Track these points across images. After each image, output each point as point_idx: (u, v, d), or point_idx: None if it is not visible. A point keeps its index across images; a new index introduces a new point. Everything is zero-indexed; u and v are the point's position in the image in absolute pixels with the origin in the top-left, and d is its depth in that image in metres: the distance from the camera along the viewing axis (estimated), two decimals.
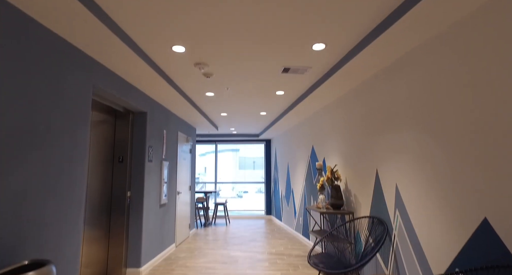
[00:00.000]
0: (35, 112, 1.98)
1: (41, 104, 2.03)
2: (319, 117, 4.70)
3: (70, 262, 2.33)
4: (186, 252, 4.74)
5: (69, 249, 2.31)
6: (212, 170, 8.76)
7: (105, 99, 3.21)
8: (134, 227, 3.72)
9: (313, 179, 4.94)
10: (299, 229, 5.69)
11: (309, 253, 2.93)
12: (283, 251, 4.73)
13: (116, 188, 3.68)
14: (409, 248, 2.42)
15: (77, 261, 2.43)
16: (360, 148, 3.32)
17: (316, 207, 3.88)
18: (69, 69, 2.32)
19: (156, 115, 4.21)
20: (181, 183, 5.48)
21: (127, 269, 3.65)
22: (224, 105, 4.96)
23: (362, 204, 3.24)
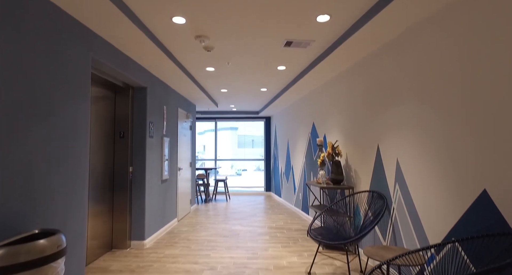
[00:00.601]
0: (35, 84, 1.94)
1: (41, 77, 1.99)
2: (320, 93, 4.66)
3: (77, 233, 2.38)
4: (188, 226, 4.85)
5: (76, 221, 2.36)
6: (211, 148, 8.79)
7: (104, 73, 3.15)
8: (137, 201, 3.78)
9: (313, 155, 4.98)
10: (298, 204, 5.81)
11: (309, 227, 3.01)
12: (283, 226, 4.85)
13: (118, 164, 3.70)
14: (407, 220, 2.48)
15: (84, 233, 2.49)
16: (361, 124, 3.32)
17: (316, 183, 3.94)
18: (68, 42, 2.26)
19: (156, 91, 4.16)
20: (182, 159, 5.52)
21: (132, 242, 3.76)
22: (224, 81, 4.90)
23: (362, 179, 3.29)
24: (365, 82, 3.23)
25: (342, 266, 3.06)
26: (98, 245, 3.37)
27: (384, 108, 2.85)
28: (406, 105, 2.52)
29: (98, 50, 2.68)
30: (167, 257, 3.38)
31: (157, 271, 2.95)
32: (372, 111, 3.08)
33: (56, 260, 1.63)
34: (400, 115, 2.60)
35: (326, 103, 4.40)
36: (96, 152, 3.29)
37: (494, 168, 1.70)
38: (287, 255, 3.40)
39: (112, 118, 3.67)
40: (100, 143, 3.39)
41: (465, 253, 1.87)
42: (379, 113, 2.94)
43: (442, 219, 2.09)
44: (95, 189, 3.27)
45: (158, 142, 4.26)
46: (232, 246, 3.75)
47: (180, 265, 3.12)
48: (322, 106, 4.59)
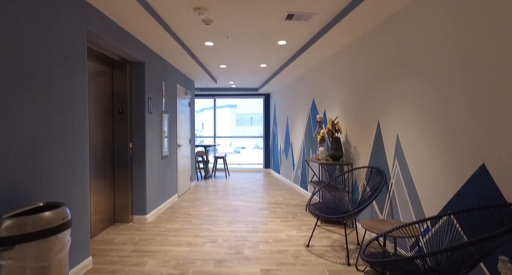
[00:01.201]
0: (30, 57, 1.89)
1: (35, 50, 1.94)
2: (321, 69, 4.59)
3: (81, 207, 2.42)
4: (189, 201, 4.94)
5: (79, 194, 2.39)
6: (209, 126, 8.77)
7: (101, 47, 3.07)
8: (138, 177, 3.82)
9: (312, 132, 4.99)
10: (297, 181, 5.90)
11: (308, 202, 3.07)
12: (282, 201, 4.95)
13: (118, 140, 3.70)
14: (405, 195, 2.53)
15: (87, 206, 2.53)
16: (362, 100, 3.30)
17: (316, 159, 3.97)
18: (62, 13, 2.18)
19: (154, 66, 4.08)
20: (181, 136, 5.52)
21: (134, 216, 3.83)
22: (223, 56, 4.80)
23: (362, 155, 3.32)
24: (367, 58, 3.17)
25: (340, 239, 3.16)
26: (101, 219, 3.44)
27: (385, 84, 2.82)
28: (407, 81, 2.48)
29: (93, 22, 2.59)
30: (168, 231, 3.46)
31: (160, 244, 3.03)
32: (373, 87, 3.05)
33: (62, 232, 1.67)
34: (401, 91, 2.58)
35: (327, 80, 4.35)
36: (95, 128, 3.28)
37: (494, 143, 1.71)
38: (286, 229, 3.49)
39: (110, 93, 3.63)
40: (99, 119, 3.37)
41: (460, 225, 1.92)
42: (380, 89, 2.91)
43: (439, 193, 2.13)
44: (96, 165, 3.29)
45: (158, 119, 4.24)
46: (232, 221, 3.84)
47: (182, 238, 3.21)
48: (322, 82, 4.54)
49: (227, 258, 2.68)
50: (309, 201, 3.07)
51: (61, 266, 1.66)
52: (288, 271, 2.42)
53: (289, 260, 2.64)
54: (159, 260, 2.65)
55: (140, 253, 2.79)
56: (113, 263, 2.58)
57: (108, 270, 2.45)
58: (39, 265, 1.53)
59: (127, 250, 2.86)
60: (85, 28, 2.49)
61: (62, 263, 1.67)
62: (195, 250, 2.86)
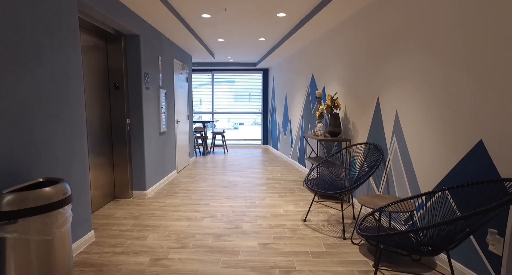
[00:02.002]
0: (18, 28, 1.82)
1: (23, 20, 1.86)
2: (320, 43, 4.47)
3: (80, 182, 2.44)
4: (188, 177, 5.00)
5: (78, 170, 2.40)
6: (207, 102, 8.69)
7: (93, 19, 2.95)
8: (136, 153, 3.83)
9: (311, 108, 4.96)
10: (295, 157, 5.95)
11: (306, 177, 3.11)
12: (280, 177, 5.01)
13: (115, 115, 3.67)
14: (401, 171, 2.56)
15: (87, 181, 2.55)
16: (362, 76, 3.25)
17: (314, 135, 3.98)
18: None
19: (149, 39, 3.96)
20: (179, 112, 5.48)
21: (134, 192, 3.89)
22: (221, 30, 4.65)
23: (360, 131, 3.32)
24: (368, 32, 3.08)
25: (337, 214, 3.24)
26: (102, 195, 3.49)
27: (387, 59, 2.76)
28: (409, 55, 2.43)
29: None
30: (168, 206, 3.53)
31: (160, 218, 3.10)
32: (374, 62, 2.99)
33: (63, 207, 1.69)
34: (402, 66, 2.53)
35: (327, 54, 4.25)
36: (91, 104, 3.23)
37: (493, 119, 1.70)
38: (283, 204, 3.56)
39: (105, 68, 3.54)
40: (95, 94, 3.32)
41: (453, 200, 1.96)
42: (381, 64, 2.85)
43: (435, 169, 2.15)
44: (94, 141, 3.29)
45: (155, 94, 4.18)
46: (231, 196, 3.91)
47: (181, 213, 3.28)
48: (322, 57, 4.44)
49: (226, 232, 2.76)
50: (307, 177, 3.10)
51: (64, 239, 1.70)
52: (285, 245, 2.50)
53: (286, 234, 2.72)
54: (160, 234, 2.72)
55: (141, 227, 2.86)
56: (115, 237, 2.65)
57: (110, 243, 2.52)
58: (42, 238, 1.57)
59: (128, 225, 2.93)
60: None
61: (65, 237, 1.71)
62: (195, 225, 2.93)
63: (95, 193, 3.33)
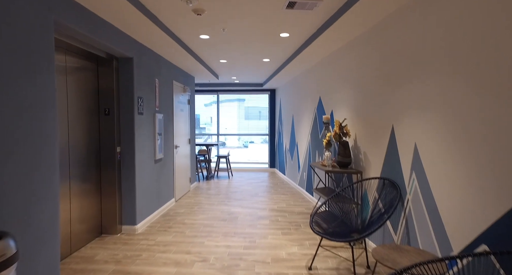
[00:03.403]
0: None
1: None
2: (328, 64, 4.16)
3: (45, 230, 2.11)
4: (186, 207, 4.63)
5: (42, 216, 2.08)
6: (223, 121, 8.41)
7: (79, 42, 2.73)
8: (126, 183, 3.51)
9: (319, 133, 4.59)
10: (302, 184, 5.52)
11: (311, 218, 2.71)
12: (285, 208, 4.59)
13: (105, 144, 3.38)
14: (424, 216, 2.13)
15: (56, 224, 2.22)
16: (374, 101, 2.89)
17: (321, 165, 3.59)
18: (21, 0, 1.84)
19: (145, 62, 3.74)
20: (179, 136, 5.19)
21: (123, 226, 3.54)
22: (222, 50, 4.42)
23: (373, 163, 2.92)
24: (380, 51, 2.75)
25: (348, 258, 2.79)
26: (87, 229, 3.16)
27: (402, 82, 2.40)
28: (429, 78, 2.07)
29: (63, 11, 2.25)
30: (158, 244, 3.15)
31: (145, 263, 2.72)
32: (387, 86, 2.63)
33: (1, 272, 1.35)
34: (420, 91, 2.16)
35: (334, 76, 3.93)
36: (78, 132, 2.96)
37: None
38: (287, 245, 3.14)
39: (95, 93, 3.30)
40: (83, 121, 3.05)
41: (502, 267, 1.53)
42: (395, 88, 2.50)
43: (470, 218, 1.73)
44: (81, 172, 2.99)
45: (150, 119, 3.91)
46: (229, 232, 3.51)
47: (170, 255, 2.89)
48: (330, 79, 4.12)
49: None
50: (312, 216, 2.70)
51: None
52: None
53: None
54: None
55: None
56: None
57: None
58: None
59: (106, 271, 2.56)
60: (52, 17, 2.15)
61: None
62: (183, 272, 2.54)
63: (79, 227, 2.99)
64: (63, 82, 2.79)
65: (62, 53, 2.78)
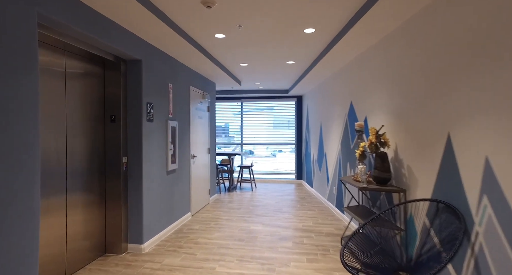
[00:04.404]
0: None
1: None
2: (360, 63, 3.64)
3: (20, 256, 1.78)
4: (202, 223, 4.24)
5: (16, 239, 1.75)
6: (247, 129, 8.05)
7: (78, 41, 2.46)
8: (133, 198, 3.19)
9: (350, 143, 4.04)
10: (332, 199, 4.94)
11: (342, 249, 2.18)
12: (312, 227, 4.04)
13: (110, 152, 3.09)
14: (507, 257, 1.54)
15: (34, 252, 1.89)
16: (421, 104, 2.33)
17: (354, 180, 3.04)
18: None
19: (155, 65, 3.44)
20: (197, 145, 4.86)
21: (129, 245, 3.20)
22: (241, 52, 4.04)
23: (420, 181, 2.34)
24: (429, 41, 2.21)
25: None
26: (89, 248, 2.85)
27: (460, 78, 1.85)
28: (504, 70, 1.51)
29: (51, 4, 1.97)
30: (163, 269, 2.76)
31: None
32: (440, 84, 2.08)
33: None
34: (491, 87, 1.60)
35: (369, 77, 3.39)
36: (83, 141, 2.68)
37: None
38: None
39: (100, 98, 3.03)
40: (84, 128, 2.78)
41: None
42: (453, 87, 1.94)
43: None
44: (83, 186, 2.70)
45: (161, 127, 3.59)
46: (245, 256, 3.04)
47: None
48: (363, 80, 3.59)
49: None
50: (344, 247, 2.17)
51: None
52: None
53: None
54: None
55: None
56: None
57: None
58: None
59: None
60: (35, 11, 1.87)
61: None
62: None
63: (78, 245, 2.68)
64: (60, 85, 2.53)
65: (60, 55, 2.52)
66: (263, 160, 8.73)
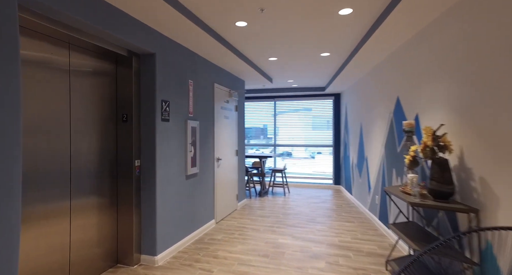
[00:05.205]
0: None
1: None
2: (409, 50, 3.01)
3: None
4: (225, 232, 3.87)
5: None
6: (283, 130, 7.61)
7: (80, 32, 2.21)
8: (146, 205, 2.90)
9: (396, 145, 3.41)
10: (374, 210, 4.31)
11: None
12: (350, 243, 3.48)
13: (121, 154, 2.84)
14: None
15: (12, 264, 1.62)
16: (501, 96, 1.72)
17: (403, 192, 2.46)
18: None
19: (172, 59, 3.14)
20: (223, 146, 4.51)
21: (142, 256, 2.92)
22: (268, 44, 3.61)
23: (503, 200, 1.73)
24: None
25: None
26: (99, 256, 2.62)
27: None
28: None
29: None
30: None
31: None
32: None
33: None
34: None
35: (420, 65, 2.77)
36: (84, 141, 2.44)
37: None
38: None
39: (110, 95, 2.79)
40: (92, 129, 2.54)
41: None
42: None
43: None
44: (87, 186, 2.46)
45: (179, 127, 3.28)
46: None
47: None
48: (412, 69, 2.97)
49: None
50: None
51: None
52: None
53: None
54: None
55: None
56: None
57: None
58: None
59: None
60: None
61: None
62: None
63: (85, 254, 2.44)
64: (63, 82, 2.30)
65: (63, 48, 2.30)
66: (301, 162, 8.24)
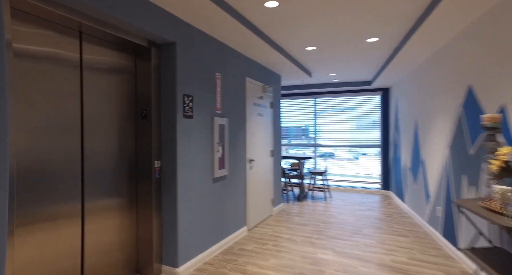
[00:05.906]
0: None
1: None
2: (487, 25, 2.36)
3: None
4: (258, 241, 3.47)
5: None
6: (325, 129, 7.07)
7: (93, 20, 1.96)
8: (167, 212, 2.62)
9: (467, 146, 2.74)
10: (435, 223, 3.62)
11: None
12: (406, 264, 2.88)
13: (140, 153, 2.59)
14: None
15: None
16: None
17: (487, 208, 1.85)
18: None
19: (195, 49, 2.82)
20: (256, 146, 4.13)
21: (162, 266, 2.64)
22: (304, 29, 3.14)
23: None
24: None
25: None
26: (118, 264, 2.39)
27: None
28: None
29: None
30: None
31: None
32: None
33: None
34: None
35: (508, 42, 2.12)
36: (98, 140, 2.21)
37: None
38: None
39: (128, 90, 2.55)
40: (108, 126, 2.31)
41: None
42: None
43: None
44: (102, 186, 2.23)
45: (205, 125, 2.96)
46: None
47: None
48: (494, 49, 2.31)
49: None
50: None
51: None
52: None
53: None
54: None
55: None
56: None
57: None
58: None
59: None
60: None
61: None
62: None
63: (100, 261, 2.20)
64: (74, 75, 2.07)
65: (73, 37, 2.07)
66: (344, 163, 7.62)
